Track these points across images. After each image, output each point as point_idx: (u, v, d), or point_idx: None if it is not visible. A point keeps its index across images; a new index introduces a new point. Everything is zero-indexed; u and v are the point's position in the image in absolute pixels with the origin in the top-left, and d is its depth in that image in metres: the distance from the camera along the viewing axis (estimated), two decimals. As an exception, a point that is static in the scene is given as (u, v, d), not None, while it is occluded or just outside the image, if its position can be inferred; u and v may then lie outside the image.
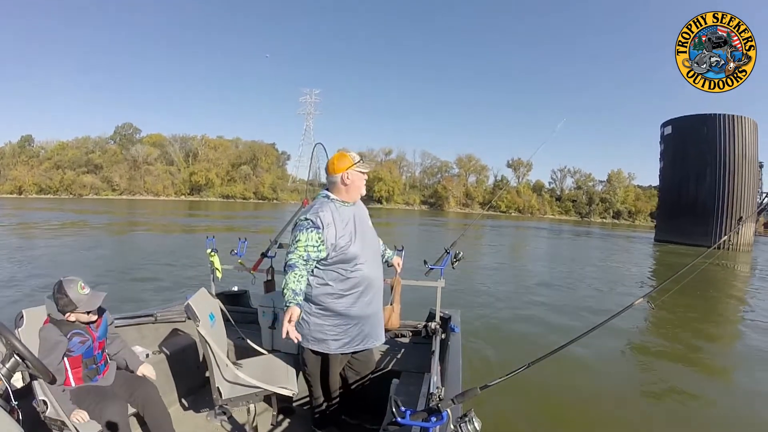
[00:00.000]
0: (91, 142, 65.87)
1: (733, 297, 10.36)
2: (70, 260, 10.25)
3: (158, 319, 2.79)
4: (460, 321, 2.79)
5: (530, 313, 7.11)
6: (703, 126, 29.28)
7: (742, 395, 4.31)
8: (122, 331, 2.58)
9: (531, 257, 17.64)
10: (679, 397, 4.20)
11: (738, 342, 6.61)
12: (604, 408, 3.88)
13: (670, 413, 3.82)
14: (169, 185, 64.81)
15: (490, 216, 58.41)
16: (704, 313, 7.98)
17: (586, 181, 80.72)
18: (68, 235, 15.34)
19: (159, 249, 12.79)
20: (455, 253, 2.84)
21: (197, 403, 2.56)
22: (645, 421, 3.67)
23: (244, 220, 28.88)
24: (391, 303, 2.77)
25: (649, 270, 16.08)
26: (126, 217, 26.94)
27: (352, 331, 2.03)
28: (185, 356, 2.69)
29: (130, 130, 70.49)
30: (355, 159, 2.02)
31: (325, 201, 2.02)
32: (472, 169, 79.80)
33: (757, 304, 9.38)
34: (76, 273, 2.04)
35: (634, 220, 76.06)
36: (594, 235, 35.74)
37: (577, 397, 4.03)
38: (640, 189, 79.90)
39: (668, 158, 32.55)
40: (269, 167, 72.54)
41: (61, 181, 57.67)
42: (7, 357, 1.32)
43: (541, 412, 3.74)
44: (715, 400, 4.16)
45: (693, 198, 29.63)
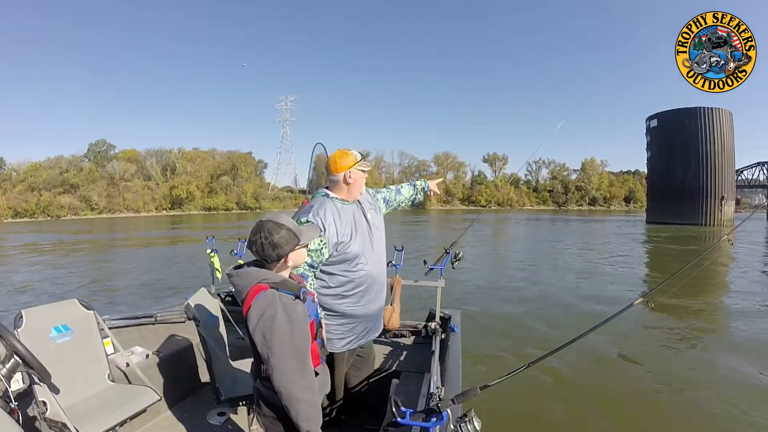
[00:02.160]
0: (65, 161, 63.63)
1: (720, 264, 12.01)
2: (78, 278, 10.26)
3: (158, 319, 2.79)
4: (460, 321, 2.79)
5: (558, 301, 7.16)
6: (686, 118, 33.93)
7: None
8: (122, 332, 2.59)
9: (535, 245, 18.34)
10: (680, 396, 4.19)
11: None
12: (604, 408, 3.88)
13: (670, 412, 3.81)
14: (149, 201, 63.16)
15: (470, 211, 59.80)
16: (699, 289, 8.73)
17: (561, 171, 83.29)
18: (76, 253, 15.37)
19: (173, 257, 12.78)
20: (455, 253, 2.83)
21: (197, 403, 2.55)
22: (645, 420, 3.66)
23: (241, 229, 28.96)
24: (391, 303, 2.76)
25: (652, 250, 18.28)
26: (126, 233, 26.73)
27: (357, 329, 2.03)
28: (185, 356, 2.69)
29: (104, 147, 68.31)
30: (357, 157, 1.99)
31: (324, 200, 1.99)
32: (450, 166, 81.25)
33: (738, 265, 12.00)
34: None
35: (609, 206, 78.67)
36: (586, 222, 38.30)
37: (578, 397, 4.03)
38: (613, 175, 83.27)
39: (655, 148, 36.88)
40: (249, 176, 71.47)
41: (37, 203, 54.60)
42: (7, 358, 1.32)
43: (541, 412, 3.73)
44: (715, 401, 4.16)
45: (680, 182, 34.06)
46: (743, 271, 11.64)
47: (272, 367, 1.29)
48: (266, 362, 1.31)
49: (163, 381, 2.40)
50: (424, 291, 2.90)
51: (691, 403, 4.06)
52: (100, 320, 2.18)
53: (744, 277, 10.78)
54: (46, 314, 1.99)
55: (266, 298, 1.31)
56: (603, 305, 7.70)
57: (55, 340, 1.97)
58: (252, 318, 1.30)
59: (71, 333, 2.03)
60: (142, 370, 2.30)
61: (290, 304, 1.33)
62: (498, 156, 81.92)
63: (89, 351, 2.10)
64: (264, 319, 1.29)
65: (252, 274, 1.37)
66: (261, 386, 1.42)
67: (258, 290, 1.32)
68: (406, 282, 2.83)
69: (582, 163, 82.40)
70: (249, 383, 2.06)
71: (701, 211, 32.90)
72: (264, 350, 1.30)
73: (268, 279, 1.35)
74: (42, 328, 1.94)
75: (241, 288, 1.36)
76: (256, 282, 1.34)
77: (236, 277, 1.38)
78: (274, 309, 1.30)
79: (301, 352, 1.34)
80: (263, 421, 1.44)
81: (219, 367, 2.10)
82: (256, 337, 1.30)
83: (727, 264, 12.25)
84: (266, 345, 1.29)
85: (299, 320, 1.34)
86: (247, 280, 1.36)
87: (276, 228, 1.39)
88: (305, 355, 1.36)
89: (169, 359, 2.55)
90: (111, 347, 2.34)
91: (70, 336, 2.03)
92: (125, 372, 2.28)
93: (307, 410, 1.30)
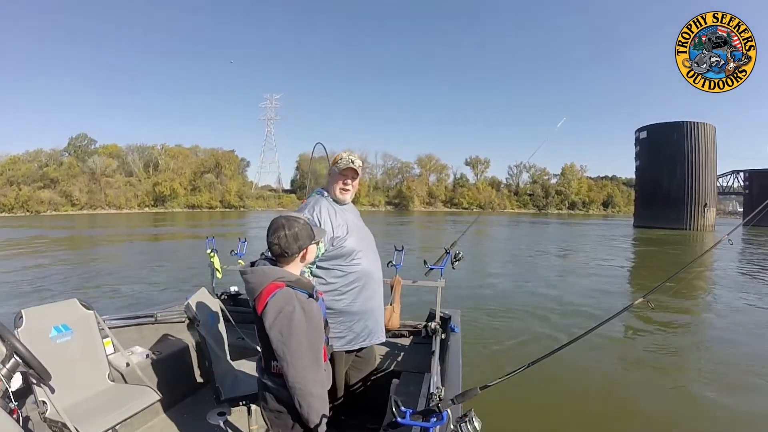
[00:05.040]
0: (45, 154, 60.78)
1: (706, 266, 12.72)
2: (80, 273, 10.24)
3: (158, 319, 2.79)
4: (460, 321, 2.79)
5: (548, 305, 7.18)
6: (673, 132, 37.58)
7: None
8: (122, 332, 2.59)
9: (532, 246, 18.51)
10: (679, 395, 4.19)
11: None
12: (604, 408, 3.88)
13: (670, 411, 3.81)
14: (131, 197, 61.47)
15: (453, 213, 60.50)
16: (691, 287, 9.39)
17: (541, 175, 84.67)
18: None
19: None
20: (455, 253, 2.84)
21: (197, 403, 2.55)
22: (645, 419, 3.66)
23: (225, 227, 29.01)
24: (391, 303, 2.76)
25: (643, 249, 20.01)
26: (116, 230, 26.77)
27: (357, 327, 2.04)
28: (185, 356, 2.69)
29: (85, 141, 65.91)
30: (344, 159, 2.06)
31: (319, 198, 2.07)
32: (433, 169, 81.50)
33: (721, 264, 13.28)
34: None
35: (587, 210, 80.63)
36: (575, 224, 40.35)
37: (578, 397, 4.03)
38: (592, 180, 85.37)
39: (644, 158, 40.64)
40: (233, 174, 70.32)
41: (16, 198, 52.21)
42: (7, 358, 1.32)
43: (541, 412, 3.74)
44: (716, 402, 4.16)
45: (666, 190, 37.51)
46: (724, 271, 12.51)
47: (287, 364, 1.30)
48: (281, 359, 1.32)
49: (163, 381, 2.40)
50: (423, 291, 2.90)
51: (691, 403, 4.06)
52: (100, 320, 2.18)
53: (725, 276, 11.64)
54: (46, 314, 1.99)
55: (283, 295, 1.32)
56: (603, 305, 7.71)
57: (55, 339, 1.97)
58: (269, 315, 1.31)
59: (71, 333, 2.03)
60: (142, 370, 2.30)
61: (306, 302, 1.35)
62: (480, 159, 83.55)
63: (89, 351, 2.10)
64: (282, 316, 1.30)
65: (268, 272, 1.38)
66: (269, 381, 1.43)
67: (274, 288, 1.33)
68: (406, 282, 2.83)
69: (562, 168, 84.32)
70: (249, 383, 2.06)
71: (686, 216, 36.15)
72: (280, 347, 1.30)
73: (284, 277, 1.37)
74: (42, 327, 1.94)
75: (255, 285, 1.36)
76: (272, 280, 1.35)
77: (251, 275, 1.38)
78: (292, 306, 1.31)
79: (316, 349, 1.36)
80: (268, 415, 1.46)
81: (219, 367, 2.10)
82: (272, 334, 1.30)
83: (710, 266, 12.91)
84: (283, 341, 1.30)
85: (315, 318, 1.36)
86: (262, 277, 1.36)
87: (294, 222, 1.44)
88: (319, 352, 1.38)
89: (169, 359, 2.55)
90: (111, 347, 2.34)
91: (70, 336, 2.03)
92: (125, 372, 2.28)
93: (318, 404, 1.33)
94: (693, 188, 36.56)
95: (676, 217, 35.86)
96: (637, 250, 19.78)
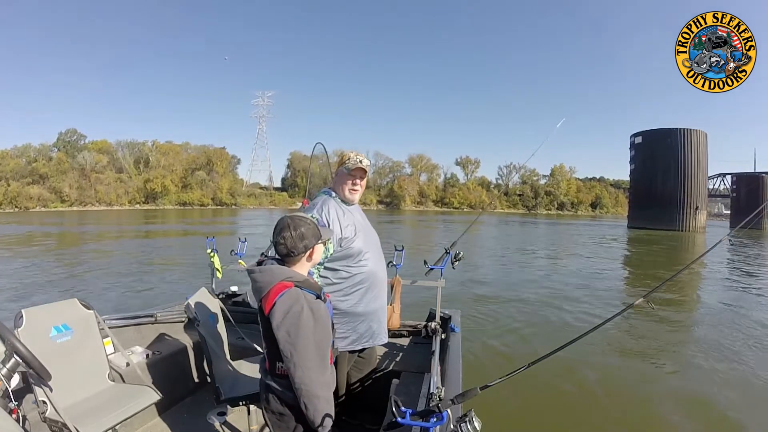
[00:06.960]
0: (33, 150, 59.58)
1: (701, 264, 13.09)
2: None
3: (158, 319, 2.79)
4: (460, 321, 2.79)
5: (550, 305, 7.17)
6: (668, 137, 39.59)
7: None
8: (122, 332, 2.59)
9: (529, 247, 18.53)
10: (679, 395, 4.19)
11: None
12: (604, 407, 3.88)
13: (670, 411, 3.81)
14: (122, 194, 60.39)
15: (443, 212, 60.78)
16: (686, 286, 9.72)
17: (531, 176, 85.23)
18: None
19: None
20: (455, 253, 2.84)
21: (197, 403, 2.55)
22: (645, 419, 3.66)
23: (215, 225, 28.95)
24: (391, 303, 2.76)
25: (643, 249, 20.48)
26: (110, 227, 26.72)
27: (361, 328, 2.04)
28: (185, 356, 2.69)
29: (74, 137, 64.68)
30: (353, 159, 2.05)
31: (327, 198, 2.06)
32: (424, 168, 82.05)
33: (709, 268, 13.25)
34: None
35: (576, 211, 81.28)
36: (570, 225, 41.29)
37: (578, 397, 4.03)
38: (581, 182, 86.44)
39: (639, 162, 42.55)
40: (224, 172, 69.63)
41: (4, 194, 50.92)
42: (7, 357, 1.32)
43: (541, 412, 3.73)
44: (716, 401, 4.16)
45: (660, 193, 39.29)
46: (714, 270, 12.94)
47: (294, 364, 1.29)
48: (288, 359, 1.30)
49: (163, 381, 2.40)
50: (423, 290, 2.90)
51: (691, 403, 4.05)
52: (100, 320, 2.18)
53: (715, 276, 12.04)
54: (46, 314, 1.99)
55: (291, 295, 1.31)
56: (604, 304, 7.71)
57: (55, 339, 1.97)
58: (277, 315, 1.29)
59: (71, 333, 2.03)
60: (142, 369, 2.30)
61: (314, 302, 1.34)
62: (470, 159, 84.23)
63: (89, 351, 2.09)
64: (290, 316, 1.28)
65: (276, 272, 1.36)
66: (274, 383, 1.41)
67: (282, 288, 1.32)
68: (406, 282, 2.83)
69: (551, 169, 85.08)
70: (249, 383, 2.06)
71: (678, 218, 38.12)
72: (287, 347, 1.29)
73: (292, 277, 1.36)
74: (42, 327, 1.94)
75: (263, 285, 1.34)
76: (280, 280, 1.33)
77: (258, 274, 1.37)
78: (300, 306, 1.29)
79: (323, 350, 1.35)
80: (270, 417, 1.44)
81: (219, 366, 2.10)
82: (280, 334, 1.29)
83: (703, 264, 13.33)
84: (290, 342, 1.28)
85: (323, 319, 1.34)
86: (270, 277, 1.35)
87: (301, 221, 1.42)
88: (326, 354, 1.37)
89: (169, 359, 2.55)
90: (111, 347, 2.34)
91: (70, 336, 2.03)
92: (125, 372, 2.28)
93: (324, 406, 1.32)
94: (685, 191, 38.48)
95: (669, 218, 37.55)
96: (635, 250, 19.97)
